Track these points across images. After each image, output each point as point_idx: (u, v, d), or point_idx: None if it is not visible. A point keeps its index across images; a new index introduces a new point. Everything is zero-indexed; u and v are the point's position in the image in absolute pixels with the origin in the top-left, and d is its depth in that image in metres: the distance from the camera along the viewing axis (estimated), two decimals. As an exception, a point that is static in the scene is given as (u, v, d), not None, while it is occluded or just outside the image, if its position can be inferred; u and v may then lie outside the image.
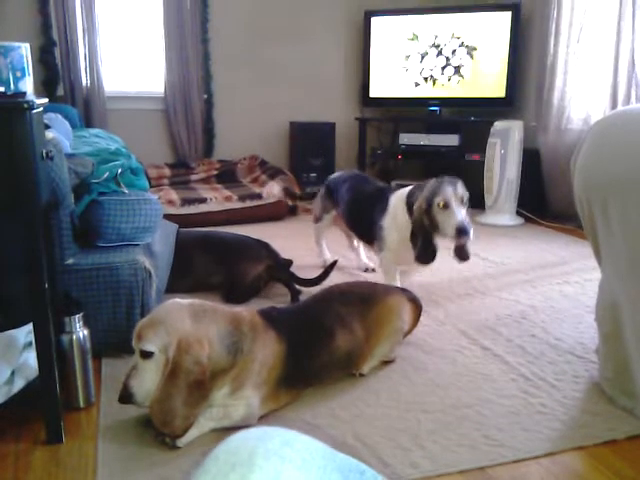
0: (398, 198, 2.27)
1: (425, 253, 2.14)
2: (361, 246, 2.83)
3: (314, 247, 2.96)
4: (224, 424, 1.42)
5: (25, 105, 1.26)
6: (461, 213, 2.07)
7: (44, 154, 1.38)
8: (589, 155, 1.49)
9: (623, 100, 3.44)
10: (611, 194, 1.40)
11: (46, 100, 1.47)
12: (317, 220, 2.85)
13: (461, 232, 2.04)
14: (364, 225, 2.44)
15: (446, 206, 2.07)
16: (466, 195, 2.10)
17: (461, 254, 2.17)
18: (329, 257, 2.87)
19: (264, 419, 1.48)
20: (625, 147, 1.38)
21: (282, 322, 1.55)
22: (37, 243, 1.32)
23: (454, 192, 2.07)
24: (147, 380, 1.35)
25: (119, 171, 1.85)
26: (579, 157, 1.53)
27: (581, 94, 3.78)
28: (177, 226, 2.55)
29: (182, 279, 2.37)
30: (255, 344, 1.45)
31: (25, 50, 1.44)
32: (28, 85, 1.44)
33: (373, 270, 2.77)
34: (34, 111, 1.30)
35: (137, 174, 1.93)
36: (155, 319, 1.36)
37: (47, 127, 1.90)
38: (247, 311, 1.52)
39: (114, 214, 1.80)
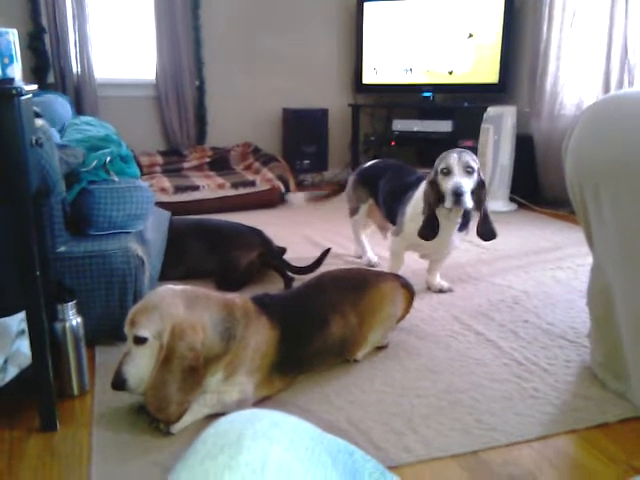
0: (423, 186, 2.20)
1: (425, 227, 2.09)
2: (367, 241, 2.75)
3: (354, 245, 2.80)
4: (218, 410, 1.42)
5: (13, 91, 1.25)
6: (461, 179, 2.01)
7: (34, 141, 1.37)
8: (581, 140, 1.49)
9: (616, 86, 3.44)
10: (602, 179, 1.40)
11: (35, 87, 1.46)
12: (353, 213, 2.67)
13: (454, 194, 1.99)
14: (397, 215, 2.33)
15: (448, 172, 2.03)
16: (474, 164, 2.04)
17: (484, 232, 2.10)
18: (374, 257, 2.70)
19: (257, 405, 1.48)
20: (616, 132, 1.38)
21: (275, 308, 1.55)
22: (28, 231, 1.31)
23: (458, 159, 2.03)
24: (140, 366, 1.35)
25: (108, 159, 1.84)
26: (570, 142, 1.52)
27: (574, 80, 3.77)
28: (169, 213, 2.54)
29: (175, 266, 2.36)
30: (248, 330, 1.45)
31: (13, 36, 1.42)
32: (16, 71, 1.43)
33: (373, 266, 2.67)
34: (23, 98, 1.29)
35: (127, 162, 1.92)
36: (149, 305, 1.35)
37: (37, 115, 1.88)
38: (240, 297, 1.52)
39: (104, 202, 1.79)
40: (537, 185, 4.03)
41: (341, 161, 4.98)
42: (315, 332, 1.61)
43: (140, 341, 1.34)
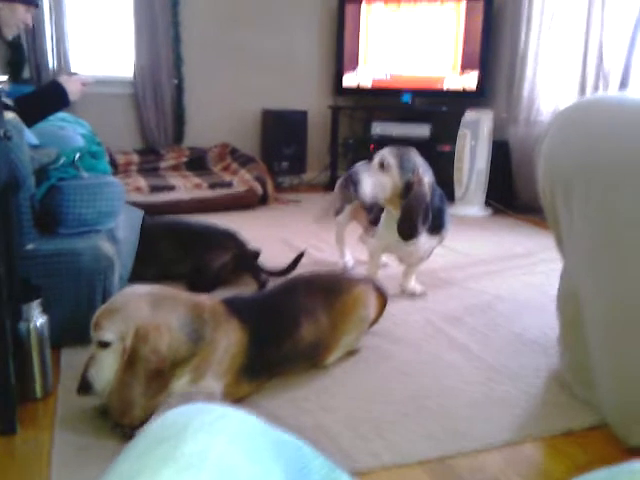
0: None
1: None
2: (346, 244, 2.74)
3: (334, 246, 2.75)
4: (184, 414, 1.40)
5: (-22, 84, 1.22)
6: (363, 170, 2.10)
7: (2, 134, 1.34)
8: (552, 145, 1.49)
9: (591, 92, 3.48)
10: (573, 184, 1.40)
11: (5, 77, 1.42)
12: (337, 213, 2.64)
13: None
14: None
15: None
16: (389, 160, 2.08)
17: (400, 230, 2.09)
18: (350, 261, 2.69)
19: (226, 409, 1.46)
20: (586, 138, 1.39)
21: (245, 310, 1.53)
22: (-8, 227, 1.28)
23: (379, 155, 2.12)
24: (105, 370, 1.32)
25: (77, 155, 1.81)
26: (542, 147, 1.53)
27: (551, 86, 3.81)
28: (142, 213, 2.50)
29: (147, 267, 2.32)
30: (217, 332, 1.42)
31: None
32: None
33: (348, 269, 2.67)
34: (-12, 91, 1.26)
35: (98, 158, 1.89)
36: (112, 307, 1.33)
37: (7, 107, 1.84)
38: (210, 299, 1.50)
39: (74, 199, 1.76)
40: (512, 190, 4.07)
41: (320, 164, 4.97)
42: (286, 335, 1.59)
43: (104, 344, 1.32)
